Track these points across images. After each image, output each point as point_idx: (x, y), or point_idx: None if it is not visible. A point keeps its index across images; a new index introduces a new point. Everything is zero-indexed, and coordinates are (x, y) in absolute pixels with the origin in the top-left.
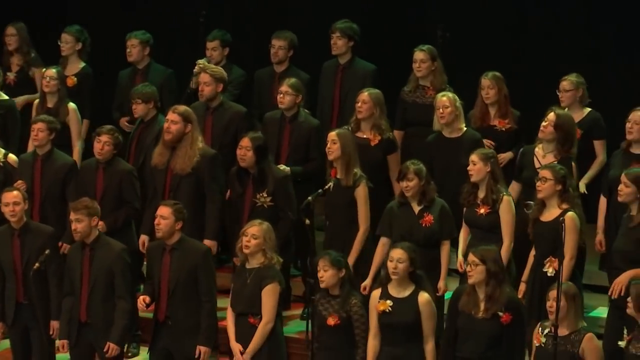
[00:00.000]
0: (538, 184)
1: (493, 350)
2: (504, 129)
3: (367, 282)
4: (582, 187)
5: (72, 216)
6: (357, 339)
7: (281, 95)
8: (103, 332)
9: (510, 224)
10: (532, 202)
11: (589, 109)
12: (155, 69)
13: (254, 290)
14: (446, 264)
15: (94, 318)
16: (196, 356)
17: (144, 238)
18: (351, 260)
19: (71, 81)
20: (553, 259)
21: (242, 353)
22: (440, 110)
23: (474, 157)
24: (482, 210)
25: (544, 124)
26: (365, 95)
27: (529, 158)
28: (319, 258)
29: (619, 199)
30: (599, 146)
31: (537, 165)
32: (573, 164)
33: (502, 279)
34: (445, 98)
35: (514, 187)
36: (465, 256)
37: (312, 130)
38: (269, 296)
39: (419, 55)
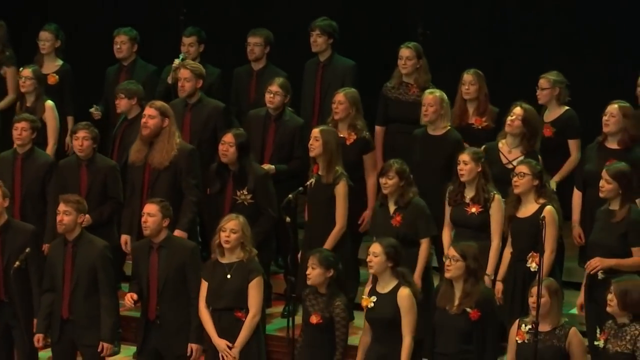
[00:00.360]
0: (515, 179)
1: (465, 346)
2: (480, 127)
3: None
4: (553, 185)
5: (61, 207)
6: (337, 340)
7: (271, 95)
8: (85, 329)
9: (501, 223)
10: None
11: (566, 108)
12: (141, 65)
13: (240, 284)
14: (422, 262)
15: (77, 315)
16: (188, 354)
17: (125, 238)
18: None
19: (53, 79)
20: (535, 254)
21: (229, 347)
22: (425, 108)
23: (465, 157)
24: (473, 210)
25: (510, 118)
26: (341, 95)
27: (495, 155)
28: (309, 255)
29: (601, 195)
30: (573, 145)
31: (504, 160)
32: (539, 157)
33: (480, 276)
34: (432, 97)
35: None
36: None
37: (296, 129)
38: (256, 290)
39: (404, 52)
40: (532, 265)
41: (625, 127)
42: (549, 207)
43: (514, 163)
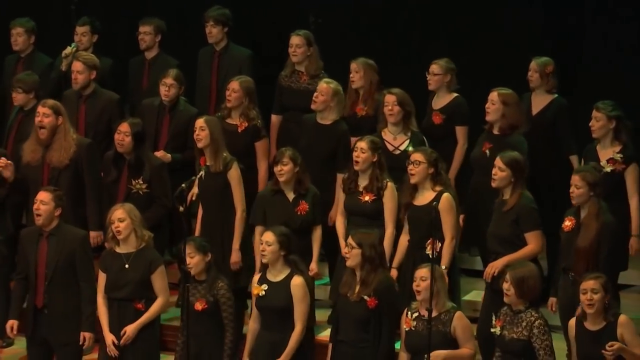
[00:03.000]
0: (410, 167)
1: (363, 334)
2: (360, 116)
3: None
4: (452, 181)
5: None
6: (225, 322)
7: (166, 88)
8: None
9: (394, 211)
10: None
11: (456, 95)
12: (39, 57)
13: (140, 275)
14: (318, 247)
15: None
16: (80, 343)
17: None
18: (236, 244)
19: None
20: (432, 240)
21: (115, 345)
22: (316, 95)
23: (362, 145)
24: (366, 198)
25: (388, 107)
26: (235, 84)
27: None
28: (184, 245)
29: (493, 184)
30: (460, 132)
31: (390, 148)
32: (425, 139)
33: (378, 264)
34: (325, 86)
35: None
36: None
37: (191, 118)
38: (161, 278)
39: (294, 40)
40: (431, 253)
41: (504, 114)
42: (445, 195)
43: (401, 148)
